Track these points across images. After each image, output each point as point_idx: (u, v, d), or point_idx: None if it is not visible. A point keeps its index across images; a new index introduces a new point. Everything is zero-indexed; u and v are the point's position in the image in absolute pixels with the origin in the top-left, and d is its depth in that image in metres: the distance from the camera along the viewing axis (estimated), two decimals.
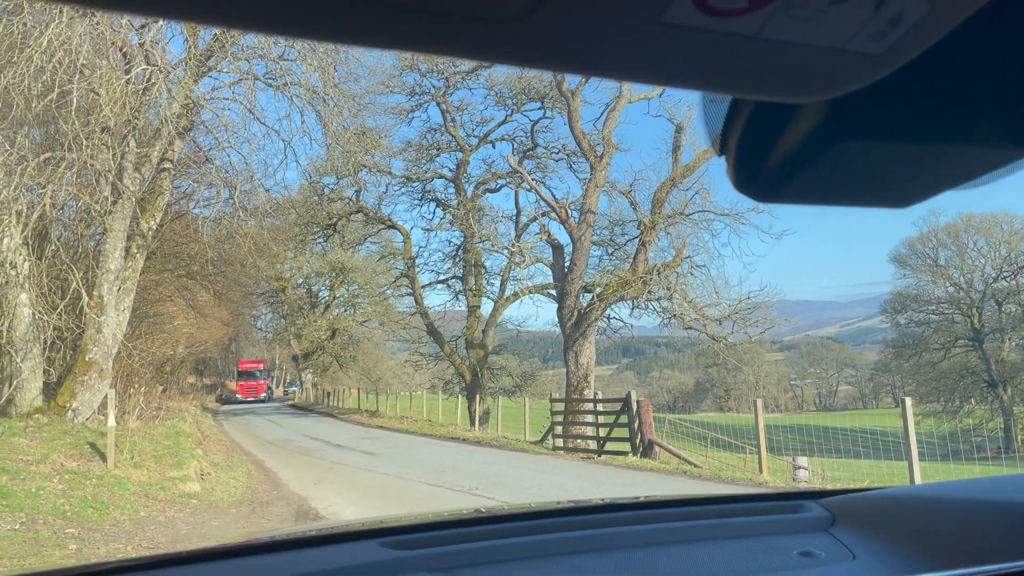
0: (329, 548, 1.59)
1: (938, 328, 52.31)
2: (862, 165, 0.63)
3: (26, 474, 10.53)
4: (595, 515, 1.81)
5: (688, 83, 0.50)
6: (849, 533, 1.66)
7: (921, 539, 1.50)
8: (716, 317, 23.43)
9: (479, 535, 1.63)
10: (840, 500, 1.80)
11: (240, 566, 1.51)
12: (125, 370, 18.71)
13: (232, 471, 14.39)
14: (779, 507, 1.84)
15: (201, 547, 1.59)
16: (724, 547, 1.64)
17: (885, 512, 1.67)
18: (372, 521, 1.85)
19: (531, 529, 1.68)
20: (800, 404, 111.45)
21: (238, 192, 16.77)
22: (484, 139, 36.66)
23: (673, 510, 1.85)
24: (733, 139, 0.62)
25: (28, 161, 13.62)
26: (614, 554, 1.59)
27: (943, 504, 1.58)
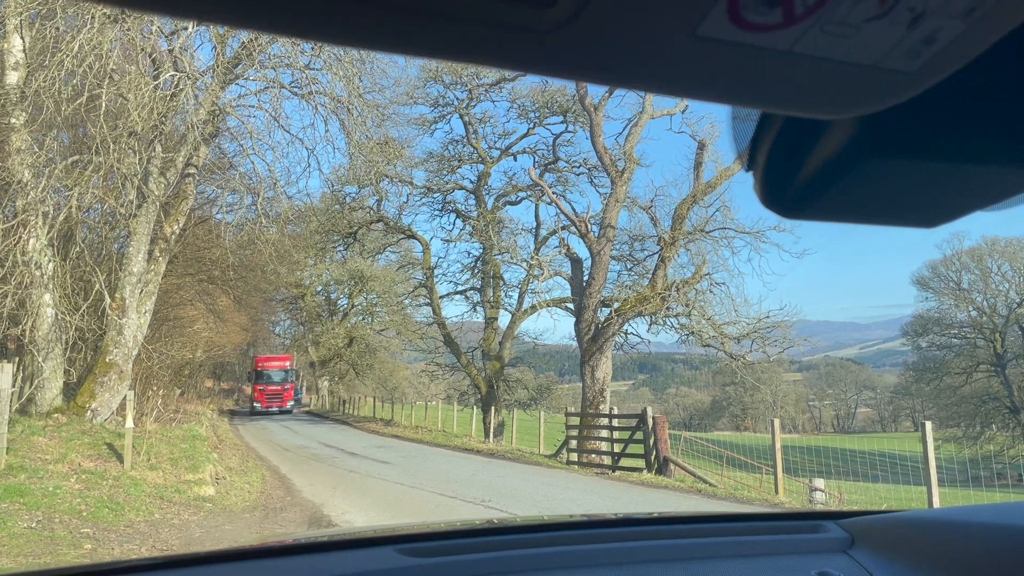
0: (345, 553, 1.60)
1: (960, 352, 51.67)
2: (891, 184, 0.62)
3: (44, 473, 10.62)
4: (610, 529, 1.80)
5: (720, 97, 0.50)
6: (868, 555, 1.64)
7: (940, 563, 1.48)
8: (735, 335, 23.30)
9: (494, 545, 1.63)
10: (859, 521, 1.78)
11: (257, 568, 1.52)
12: (144, 372, 18.87)
13: (247, 476, 14.44)
14: (798, 527, 1.83)
15: (219, 549, 1.60)
16: (741, 565, 1.62)
17: (904, 535, 1.65)
18: (387, 528, 1.85)
19: (546, 541, 1.68)
20: (818, 425, 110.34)
21: (261, 199, 16.92)
22: (506, 151, 36.78)
23: (690, 526, 1.84)
24: (761, 154, 0.62)
25: (56, 163, 13.82)
26: (629, 568, 1.58)
27: (963, 528, 1.55)
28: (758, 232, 22.93)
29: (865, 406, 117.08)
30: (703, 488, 14.84)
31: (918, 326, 54.43)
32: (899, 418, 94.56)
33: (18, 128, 13.72)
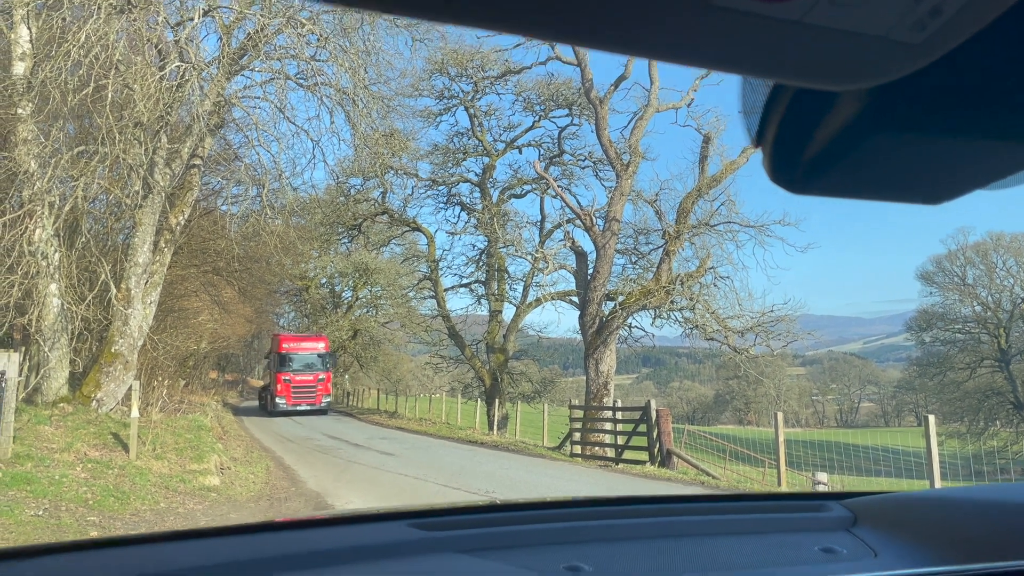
0: (361, 527, 1.63)
1: (964, 347, 51.57)
2: (896, 159, 0.64)
3: (50, 461, 10.68)
4: (615, 507, 1.83)
5: (732, 66, 0.51)
6: (870, 532, 1.67)
7: (941, 539, 1.50)
8: (738, 329, 23.29)
9: (504, 521, 1.66)
10: (861, 501, 1.81)
11: (276, 539, 1.55)
12: (149, 363, 18.93)
13: (251, 466, 14.50)
14: (801, 506, 1.85)
15: (239, 523, 1.63)
16: (747, 541, 1.65)
17: (905, 512, 1.68)
18: (399, 506, 1.88)
19: (556, 517, 1.70)
20: (821, 419, 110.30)
21: (266, 190, 16.93)
22: (511, 144, 36.76)
23: (696, 505, 1.87)
24: (771, 130, 0.63)
25: (62, 154, 13.85)
26: (638, 543, 1.60)
27: (962, 506, 1.58)
28: (763, 226, 22.90)
29: (868, 401, 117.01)
30: (706, 481, 14.87)
31: (922, 321, 54.31)
32: (902, 413, 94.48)
33: (24, 118, 13.75)
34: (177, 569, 1.36)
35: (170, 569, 1.36)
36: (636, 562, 1.52)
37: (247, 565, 1.39)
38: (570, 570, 1.42)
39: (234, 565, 1.38)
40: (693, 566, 1.47)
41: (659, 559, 1.52)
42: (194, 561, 1.40)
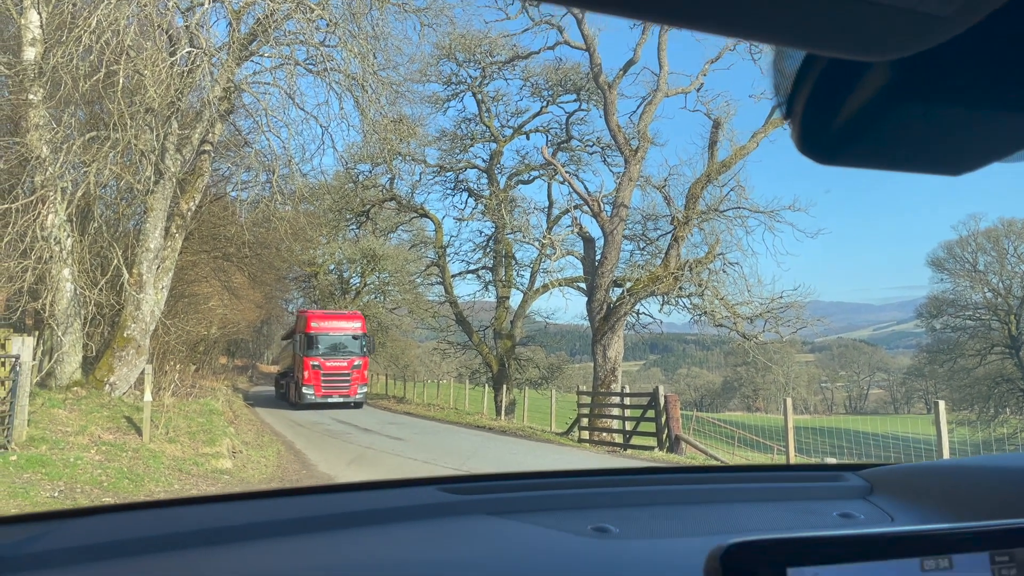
0: (390, 491, 1.68)
1: (974, 334, 51.35)
2: (922, 129, 0.66)
3: (65, 444, 10.80)
4: (642, 475, 1.87)
5: (764, 36, 0.54)
6: (886, 500, 1.70)
7: (957, 505, 1.53)
8: (747, 315, 23.26)
9: (531, 487, 1.70)
10: (877, 471, 1.85)
11: (308, 502, 1.60)
12: (161, 347, 19.06)
13: (263, 450, 14.62)
14: (818, 476, 1.89)
15: (267, 488, 1.68)
16: (768, 508, 1.69)
17: (921, 481, 1.71)
18: (428, 475, 1.93)
19: (581, 484, 1.75)
20: (830, 406, 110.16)
21: (276, 176, 16.97)
22: (518, 130, 36.69)
23: (718, 474, 1.91)
24: (800, 100, 0.66)
25: (74, 139, 13.92)
26: (662, 508, 1.65)
27: (979, 473, 1.61)
28: (772, 211, 22.83)
29: (878, 387, 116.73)
30: (714, 466, 14.92)
31: (933, 308, 54.06)
32: (912, 400, 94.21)
33: (36, 104, 13.81)
34: (220, 528, 1.41)
35: (213, 527, 1.41)
36: (661, 525, 1.56)
37: (283, 524, 1.43)
38: (597, 531, 1.46)
39: (270, 524, 1.43)
40: (716, 529, 1.51)
41: (683, 523, 1.56)
42: (224, 521, 1.44)
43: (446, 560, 1.34)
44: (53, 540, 1.30)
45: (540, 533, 1.47)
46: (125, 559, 1.28)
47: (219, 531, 1.38)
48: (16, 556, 1.23)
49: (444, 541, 1.44)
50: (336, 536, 1.41)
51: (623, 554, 1.39)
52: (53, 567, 1.23)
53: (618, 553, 1.39)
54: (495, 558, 1.36)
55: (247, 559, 1.31)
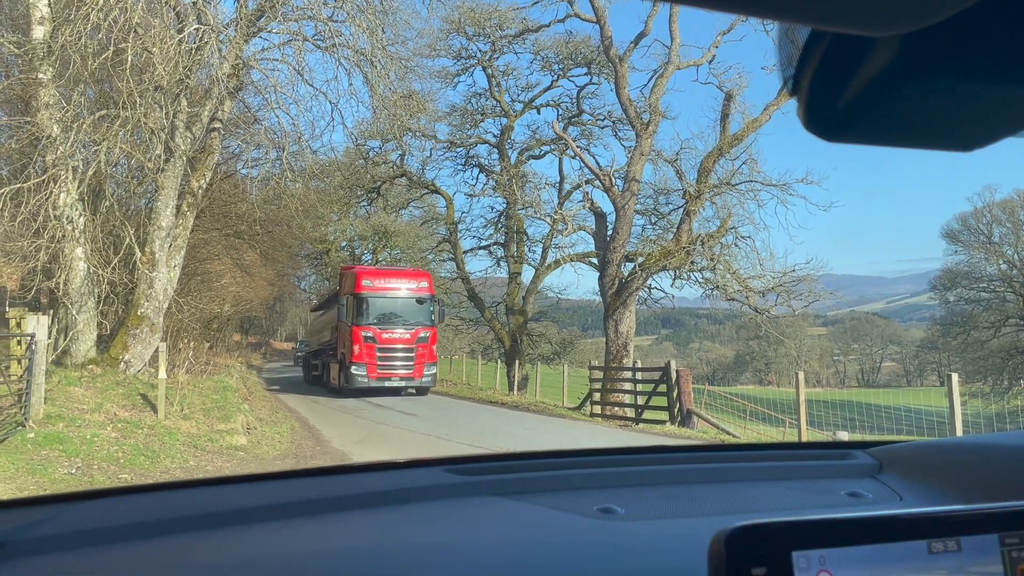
0: (398, 472, 1.69)
1: (988, 306, 51.00)
2: (931, 104, 0.65)
3: (81, 422, 10.93)
4: (648, 455, 1.87)
5: (769, 12, 0.52)
6: (895, 478, 1.70)
7: (966, 483, 1.52)
8: (759, 289, 23.17)
9: (537, 467, 1.71)
10: (886, 449, 1.84)
11: (314, 484, 1.62)
12: (175, 325, 19.20)
13: (277, 426, 14.75)
14: (826, 454, 1.89)
15: (273, 470, 1.70)
16: (775, 486, 1.69)
17: (930, 459, 1.70)
18: (435, 456, 1.94)
19: (587, 464, 1.76)
20: (842, 380, 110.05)
21: (286, 153, 16.95)
22: (529, 104, 36.45)
23: (726, 453, 1.91)
24: (806, 76, 0.65)
25: (84, 118, 13.93)
26: (669, 488, 1.65)
27: (988, 451, 1.60)
28: (785, 184, 22.66)
29: (890, 360, 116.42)
30: (726, 439, 14.94)
31: (946, 280, 53.69)
32: (925, 373, 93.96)
33: (46, 83, 13.82)
34: (226, 510, 1.42)
35: (219, 510, 1.42)
36: (667, 505, 1.56)
37: (289, 507, 1.44)
38: (603, 512, 1.47)
39: (276, 507, 1.44)
40: (723, 509, 1.51)
41: (690, 503, 1.57)
42: (234, 503, 1.46)
43: (452, 542, 1.34)
44: (60, 524, 1.31)
45: (546, 514, 1.48)
46: (132, 542, 1.29)
47: (225, 514, 1.39)
48: (23, 540, 1.24)
49: (450, 523, 1.45)
50: (342, 518, 1.42)
51: (628, 535, 1.39)
52: (60, 550, 1.24)
53: (623, 534, 1.39)
54: (501, 540, 1.37)
55: (253, 541, 1.32)
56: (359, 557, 1.25)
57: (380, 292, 22.80)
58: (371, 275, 23.33)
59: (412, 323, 22.95)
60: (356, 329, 22.19)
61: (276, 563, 1.22)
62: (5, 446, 9.29)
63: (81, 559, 1.23)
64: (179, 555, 1.26)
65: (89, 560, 1.23)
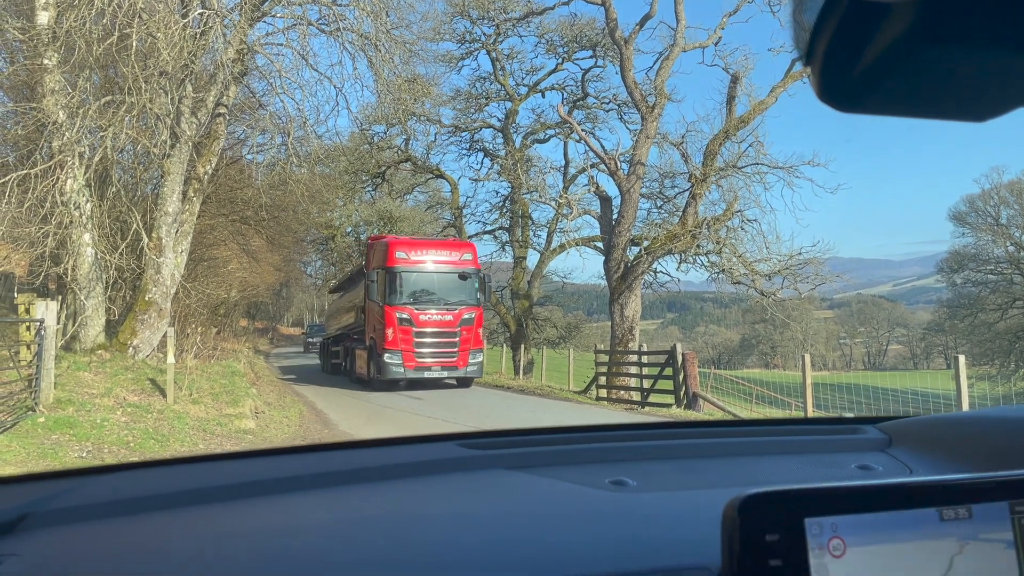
0: (411, 447, 1.71)
1: (996, 288, 50.75)
2: (946, 73, 0.65)
3: (91, 406, 11.00)
4: (660, 430, 1.89)
5: None
6: (905, 452, 1.71)
7: (977, 456, 1.53)
8: (765, 272, 23.11)
9: (549, 442, 1.73)
10: (895, 424, 1.85)
11: (329, 458, 1.64)
12: (183, 311, 19.26)
13: (285, 411, 14.82)
14: (837, 429, 1.90)
15: (288, 445, 1.72)
16: (785, 460, 1.70)
17: (941, 433, 1.71)
18: (448, 431, 1.96)
19: (599, 439, 1.77)
20: (848, 363, 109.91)
21: (291, 138, 16.94)
22: (534, 88, 36.29)
23: (736, 428, 1.92)
24: (821, 45, 0.65)
25: (89, 104, 13.93)
26: (680, 462, 1.66)
27: (999, 424, 1.61)
28: (791, 167, 22.55)
29: (897, 343, 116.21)
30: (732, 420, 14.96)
31: (954, 262, 53.43)
32: (931, 355, 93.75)
33: (51, 69, 13.82)
34: (243, 483, 1.44)
35: (236, 482, 1.44)
36: (679, 478, 1.58)
37: (305, 480, 1.47)
38: (615, 484, 1.48)
39: (292, 480, 1.46)
40: (734, 482, 1.53)
41: (701, 475, 1.58)
42: (250, 476, 1.48)
43: (464, 513, 1.36)
44: (81, 496, 1.33)
45: (558, 486, 1.49)
46: (150, 513, 1.31)
47: (242, 486, 1.42)
48: (43, 512, 1.26)
49: (462, 494, 1.47)
50: (356, 490, 1.44)
51: (641, 506, 1.40)
52: (80, 522, 1.26)
53: (636, 505, 1.41)
54: (513, 510, 1.38)
55: (270, 512, 1.34)
56: (372, 526, 1.27)
57: (417, 266, 19.78)
58: (406, 246, 20.04)
59: (454, 302, 19.98)
60: (389, 310, 19.17)
61: (290, 532, 1.24)
62: (16, 430, 9.36)
63: (100, 530, 1.25)
64: (198, 525, 1.28)
65: (108, 531, 1.25)
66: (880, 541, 0.98)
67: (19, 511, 1.24)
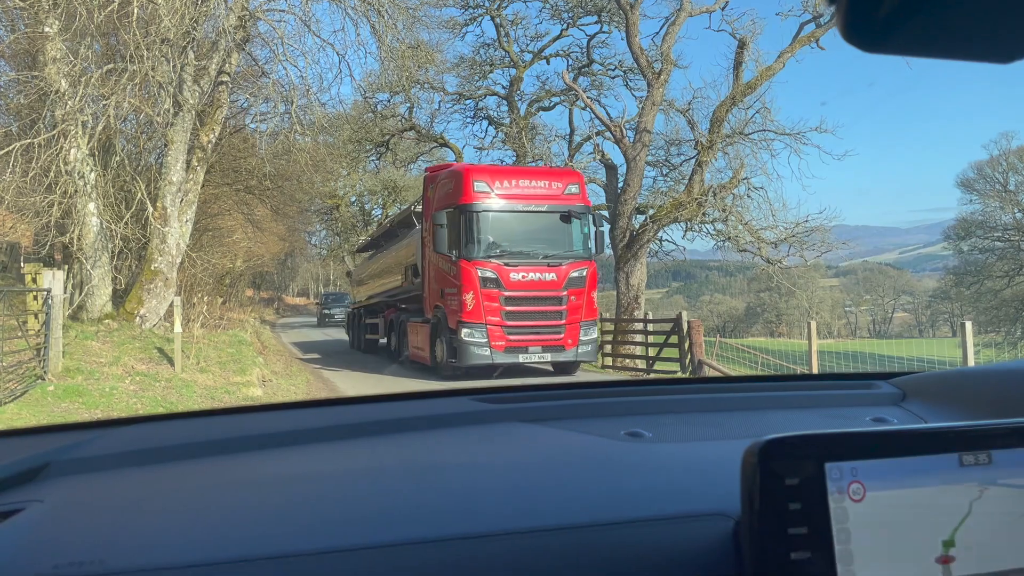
0: (426, 401, 1.72)
1: (1003, 255, 50.55)
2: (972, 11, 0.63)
3: (100, 375, 11.08)
4: (674, 385, 1.89)
5: None
6: (919, 405, 1.70)
7: (991, 406, 1.52)
8: (771, 240, 23.04)
9: (563, 396, 1.73)
10: (909, 379, 1.84)
11: (345, 412, 1.64)
12: (188, 280, 19.30)
13: (292, 379, 14.91)
14: (850, 384, 1.90)
15: (305, 399, 1.73)
16: (800, 414, 1.70)
17: (955, 386, 1.71)
18: (463, 385, 1.97)
19: (612, 393, 1.77)
20: (854, 330, 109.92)
21: (294, 106, 16.83)
22: (538, 55, 35.89)
23: (751, 383, 1.92)
24: None
25: (91, 72, 13.85)
26: (696, 415, 1.67)
27: (1012, 375, 1.60)
28: (799, 133, 22.38)
29: (902, 311, 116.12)
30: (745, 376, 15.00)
31: (960, 229, 53.16)
32: (936, 323, 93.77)
33: (52, 37, 13.71)
34: (264, 434, 1.45)
35: (255, 434, 1.45)
36: (694, 430, 1.58)
37: (321, 431, 1.47)
38: (631, 435, 1.48)
39: (308, 431, 1.47)
40: (750, 434, 1.53)
41: (716, 428, 1.58)
42: (268, 429, 1.49)
43: (480, 462, 1.37)
44: (100, 446, 1.35)
45: (573, 437, 1.49)
46: (172, 463, 1.32)
47: (260, 437, 1.43)
48: (65, 460, 1.28)
49: (478, 445, 1.47)
50: (371, 442, 1.45)
51: (657, 455, 1.41)
52: (101, 470, 1.28)
53: (652, 455, 1.41)
54: (529, 459, 1.39)
55: (289, 462, 1.35)
56: (390, 475, 1.28)
57: (508, 202, 14.30)
58: (489, 175, 14.67)
59: (556, 256, 14.50)
60: (467, 268, 13.84)
61: (309, 479, 1.25)
62: (26, 399, 9.44)
63: (120, 478, 1.26)
64: (219, 474, 1.29)
65: (130, 478, 1.26)
66: (900, 486, 0.98)
67: (41, 459, 1.26)
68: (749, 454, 0.96)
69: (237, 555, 0.90)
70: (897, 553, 0.96)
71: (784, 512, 0.93)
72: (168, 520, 1.06)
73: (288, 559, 0.89)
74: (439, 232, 14.17)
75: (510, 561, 0.94)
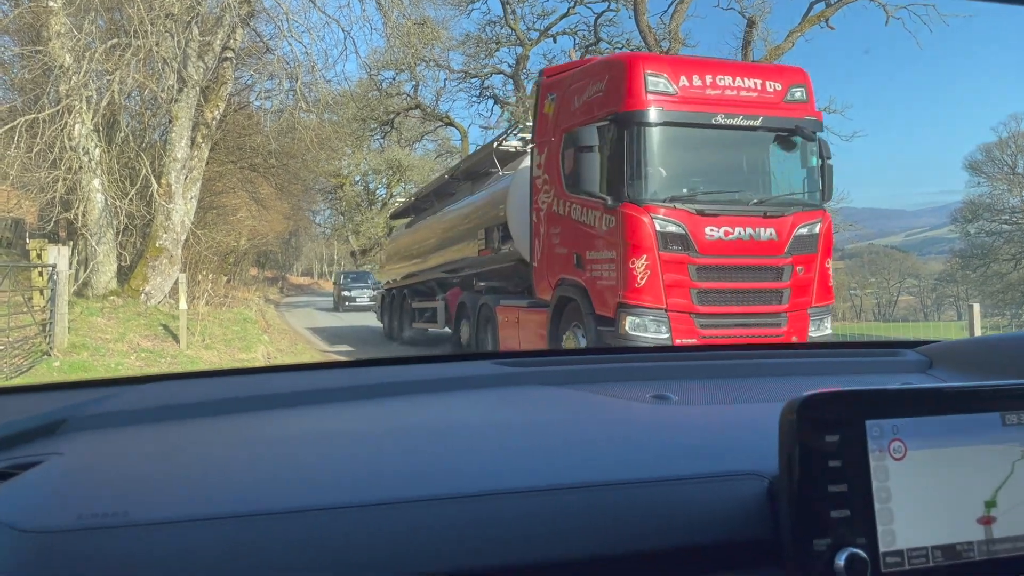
0: (451, 364, 1.70)
1: (1010, 238, 50.32)
2: None
3: (105, 351, 11.09)
4: (696, 351, 1.87)
5: None
6: (946, 372, 1.68)
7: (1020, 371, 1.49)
8: None
9: (586, 360, 1.71)
10: (934, 347, 1.82)
11: (365, 373, 1.63)
12: (193, 258, 19.28)
13: (297, 358, 14.92)
14: (875, 352, 1.87)
15: (326, 360, 1.72)
16: (825, 380, 1.67)
17: (981, 353, 1.69)
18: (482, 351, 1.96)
19: (636, 359, 1.76)
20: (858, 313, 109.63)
21: (299, 83, 16.72)
22: (545, 33, 35.64)
23: (776, 351, 1.90)
24: None
25: (95, 47, 13.75)
26: (721, 380, 1.65)
27: None
28: None
29: (908, 294, 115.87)
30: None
31: (968, 212, 52.89)
32: (942, 307, 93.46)
33: (56, 11, 13.61)
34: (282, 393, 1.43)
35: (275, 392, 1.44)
36: (721, 394, 1.56)
37: (341, 391, 1.45)
38: (657, 398, 1.46)
39: (328, 391, 1.45)
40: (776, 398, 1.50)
41: (743, 393, 1.56)
42: (287, 388, 1.48)
43: (502, 422, 1.34)
44: (118, 403, 1.34)
45: (598, 400, 1.47)
46: (189, 419, 1.32)
47: (281, 396, 1.42)
48: (82, 416, 1.27)
49: (500, 406, 1.45)
50: (391, 402, 1.43)
51: (686, 417, 1.38)
52: (116, 426, 1.27)
53: (681, 416, 1.39)
54: (554, 420, 1.36)
55: (308, 420, 1.33)
56: (408, 434, 1.25)
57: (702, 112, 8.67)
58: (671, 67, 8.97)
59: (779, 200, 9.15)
60: (634, 216, 8.33)
61: (329, 437, 1.23)
62: (32, 374, 9.45)
63: (142, 433, 1.26)
64: (240, 430, 1.28)
65: (150, 434, 1.25)
66: (941, 445, 0.95)
67: (60, 415, 1.26)
68: (788, 410, 0.92)
69: (259, 508, 0.88)
70: (938, 513, 0.93)
71: (824, 469, 0.90)
72: (190, 474, 1.04)
73: (309, 513, 0.87)
74: (583, 160, 8.61)
75: (534, 518, 0.91)
